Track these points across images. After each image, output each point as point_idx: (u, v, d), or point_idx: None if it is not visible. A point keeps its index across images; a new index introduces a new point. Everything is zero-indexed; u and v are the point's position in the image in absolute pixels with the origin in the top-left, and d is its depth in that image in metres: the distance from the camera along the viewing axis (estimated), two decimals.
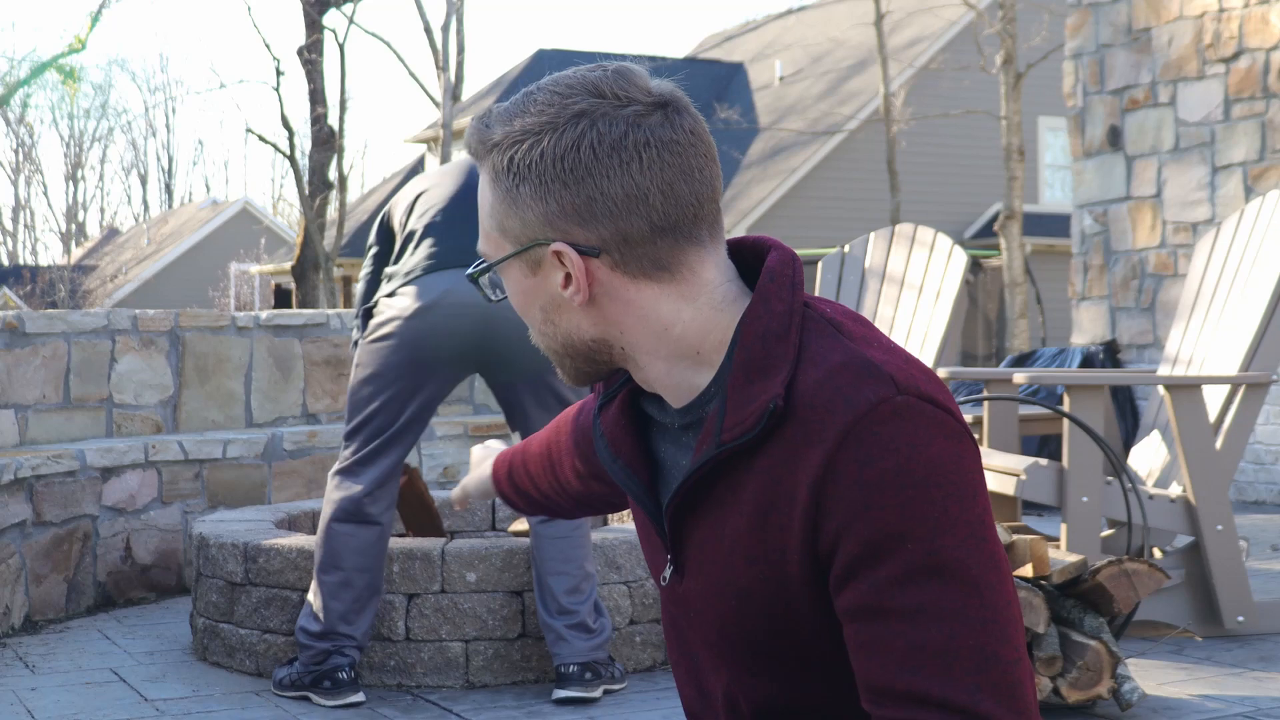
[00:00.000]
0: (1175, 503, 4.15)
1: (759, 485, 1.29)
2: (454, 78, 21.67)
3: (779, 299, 1.31)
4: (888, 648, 1.22)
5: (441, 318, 3.58)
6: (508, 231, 1.35)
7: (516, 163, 1.31)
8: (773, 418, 1.26)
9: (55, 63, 26.53)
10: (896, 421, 1.23)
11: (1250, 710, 3.40)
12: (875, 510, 1.22)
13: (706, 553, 1.35)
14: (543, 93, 1.31)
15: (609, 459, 1.44)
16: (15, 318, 5.35)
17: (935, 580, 1.21)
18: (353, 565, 3.62)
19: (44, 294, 36.17)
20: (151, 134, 64.55)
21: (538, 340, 1.41)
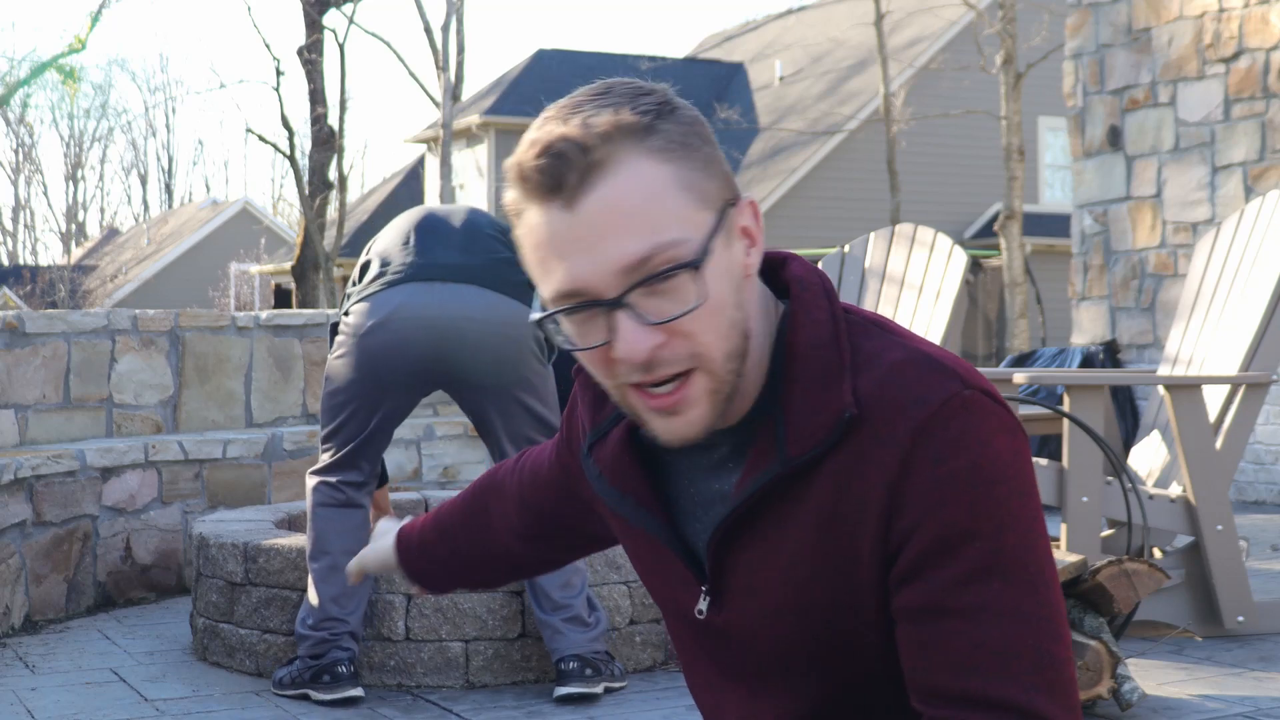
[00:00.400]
0: (1175, 503, 4.15)
1: (823, 495, 1.25)
2: (454, 78, 21.68)
3: (817, 306, 1.29)
4: (946, 647, 1.21)
5: (394, 333, 3.56)
6: (708, 198, 1.23)
7: (686, 125, 1.24)
8: (847, 426, 1.23)
9: (55, 63, 26.53)
10: (965, 416, 1.22)
11: (1250, 710, 3.40)
12: (948, 508, 1.21)
13: (757, 576, 1.30)
14: (618, 87, 1.25)
15: (614, 496, 1.38)
16: (15, 318, 5.35)
17: (997, 579, 1.21)
18: (339, 548, 3.64)
19: (44, 294, 36.18)
20: (151, 134, 64.60)
21: (720, 347, 1.23)
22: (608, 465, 1.39)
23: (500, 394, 3.63)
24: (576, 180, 1.20)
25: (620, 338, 1.21)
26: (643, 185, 1.20)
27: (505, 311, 3.58)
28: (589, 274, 1.20)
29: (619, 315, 1.21)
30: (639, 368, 1.23)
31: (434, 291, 3.57)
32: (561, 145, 1.20)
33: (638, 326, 1.21)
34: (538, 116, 1.27)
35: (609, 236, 1.19)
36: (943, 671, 1.21)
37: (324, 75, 18.13)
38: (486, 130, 26.14)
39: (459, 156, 26.18)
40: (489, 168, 26.25)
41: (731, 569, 1.32)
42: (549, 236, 1.22)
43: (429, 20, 20.47)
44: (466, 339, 3.56)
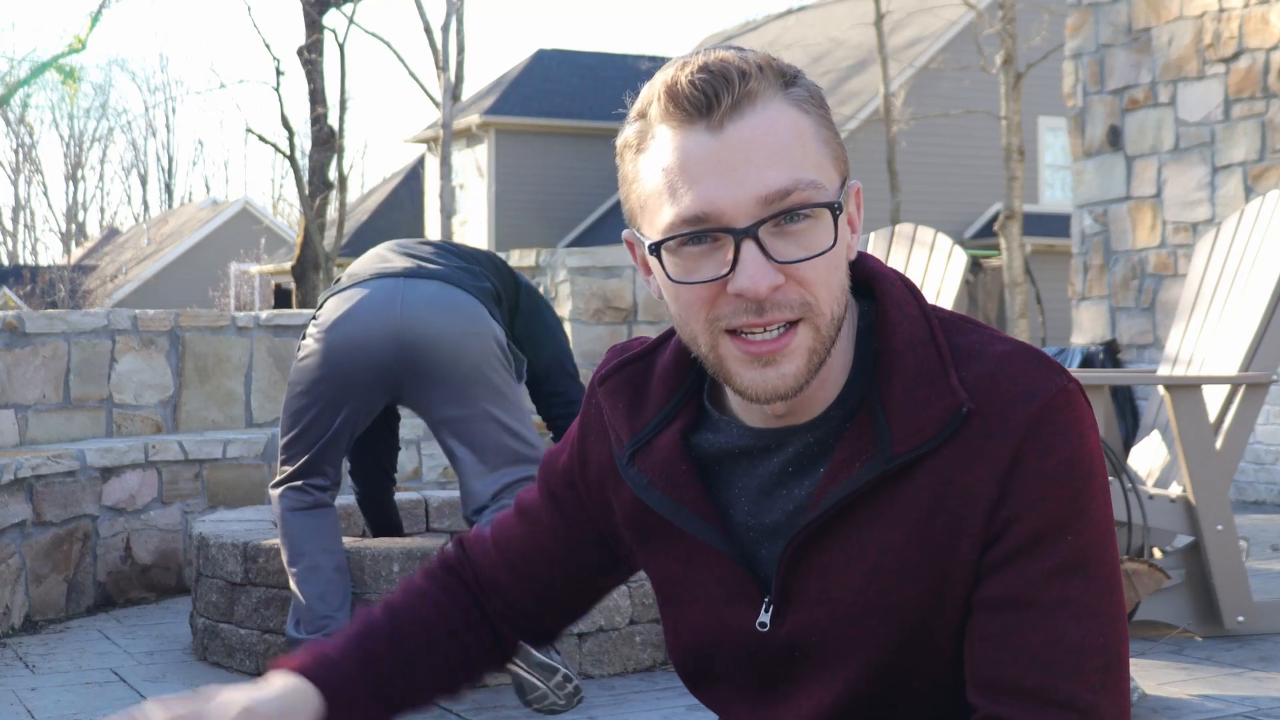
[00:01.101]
0: (1175, 503, 4.15)
1: (922, 492, 1.23)
2: (454, 78, 21.69)
3: (908, 303, 1.28)
4: (1021, 641, 1.21)
5: (358, 324, 3.53)
6: (838, 160, 1.24)
7: (817, 91, 1.24)
8: (963, 421, 1.21)
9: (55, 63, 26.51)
10: (1069, 410, 1.23)
11: (1250, 710, 3.40)
12: (1049, 501, 1.21)
13: (832, 580, 1.26)
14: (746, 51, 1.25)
15: (668, 506, 1.32)
16: (15, 318, 5.35)
17: (1080, 575, 1.21)
18: (315, 548, 3.64)
19: (44, 294, 36.17)
20: (151, 134, 64.58)
21: (830, 305, 1.22)
22: (659, 473, 1.33)
23: (463, 395, 3.53)
24: (731, 103, 1.19)
25: (744, 269, 1.18)
26: (789, 125, 1.20)
27: (471, 309, 3.53)
28: (725, 199, 1.18)
29: (746, 246, 1.18)
30: (753, 307, 1.19)
31: (399, 286, 3.54)
32: (722, 66, 1.20)
33: (763, 261, 1.18)
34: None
35: (753, 164, 1.18)
36: (1014, 665, 1.21)
37: (324, 75, 18.12)
38: (486, 130, 26.15)
39: (459, 156, 26.18)
40: (489, 168, 26.26)
41: (805, 575, 1.28)
42: (684, 158, 1.20)
43: (429, 20, 20.47)
44: (429, 331, 3.50)
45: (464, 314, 3.53)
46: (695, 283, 1.21)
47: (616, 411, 1.38)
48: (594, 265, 6.69)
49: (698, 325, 1.23)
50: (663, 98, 1.22)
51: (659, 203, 1.21)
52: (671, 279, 1.22)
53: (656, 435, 1.34)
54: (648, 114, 1.24)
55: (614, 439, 1.38)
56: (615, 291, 6.68)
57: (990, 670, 1.22)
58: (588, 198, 27.33)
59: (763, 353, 1.21)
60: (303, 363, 3.62)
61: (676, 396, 1.35)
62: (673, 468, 1.32)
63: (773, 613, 1.30)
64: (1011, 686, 1.21)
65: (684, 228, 1.20)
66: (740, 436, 1.31)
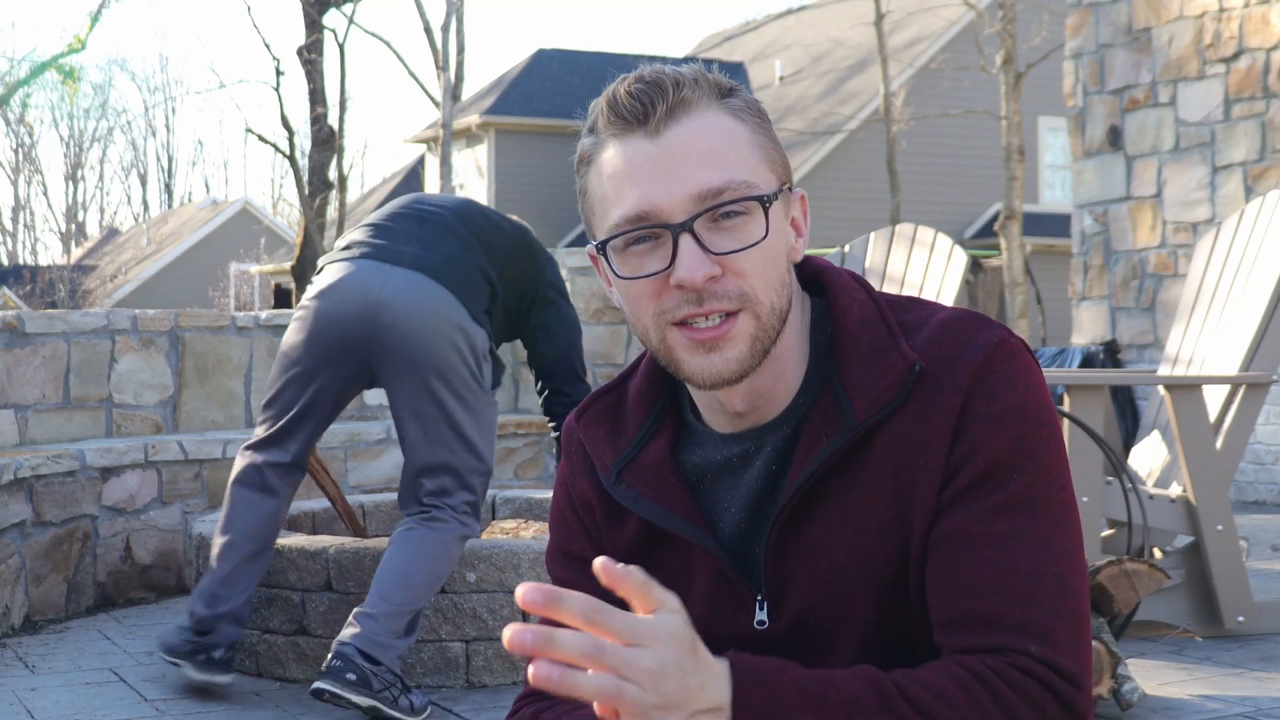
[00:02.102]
0: (1175, 503, 4.15)
1: (887, 453, 1.30)
2: (454, 78, 21.68)
3: (854, 290, 1.37)
4: (974, 572, 1.26)
5: (336, 301, 3.62)
6: (775, 166, 1.33)
7: (756, 104, 1.34)
8: (916, 380, 1.29)
9: (55, 63, 26.52)
10: (1013, 361, 1.31)
11: (1250, 710, 3.40)
12: (996, 442, 1.28)
13: (818, 559, 1.32)
14: (683, 66, 1.33)
15: (662, 515, 1.37)
16: (15, 318, 5.35)
17: (1027, 511, 1.27)
18: (242, 530, 3.68)
19: (44, 294, 36.17)
20: (151, 134, 64.62)
21: (769, 296, 1.30)
22: (648, 485, 1.38)
23: (419, 387, 3.57)
24: (665, 111, 1.28)
25: (681, 261, 1.27)
26: (722, 131, 1.30)
27: (446, 308, 3.58)
28: (662, 198, 1.27)
29: (683, 239, 1.27)
30: (691, 298, 1.28)
31: (382, 272, 3.61)
32: (656, 77, 1.29)
33: (699, 252, 1.27)
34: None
35: (687, 165, 1.28)
36: (968, 595, 1.25)
37: (324, 75, 18.12)
38: (486, 130, 26.14)
39: (459, 156, 26.18)
40: (489, 167, 26.25)
41: (792, 561, 1.33)
42: (626, 164, 1.29)
43: (429, 20, 20.47)
44: (392, 320, 3.56)
45: (436, 312, 3.57)
46: (640, 278, 1.30)
47: (598, 440, 1.44)
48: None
49: (647, 320, 1.32)
50: (605, 110, 1.31)
51: (605, 208, 1.32)
52: (619, 276, 1.31)
53: (641, 451, 1.40)
54: (595, 128, 1.33)
55: (598, 466, 1.43)
56: None
57: (946, 607, 1.27)
58: None
59: (705, 339, 1.29)
60: (291, 329, 3.72)
61: (654, 413, 1.42)
62: (662, 479, 1.39)
63: (768, 608, 1.35)
64: (966, 617, 1.25)
65: (626, 226, 1.29)
66: (718, 447, 1.37)
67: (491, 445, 3.69)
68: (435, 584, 3.57)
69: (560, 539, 1.49)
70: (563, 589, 1.08)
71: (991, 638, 1.24)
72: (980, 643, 1.24)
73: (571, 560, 1.47)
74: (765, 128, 1.33)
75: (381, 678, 3.36)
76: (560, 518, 1.50)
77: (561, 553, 1.49)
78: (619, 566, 1.11)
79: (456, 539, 3.61)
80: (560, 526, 1.49)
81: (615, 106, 1.29)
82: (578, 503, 1.47)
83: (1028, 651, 1.23)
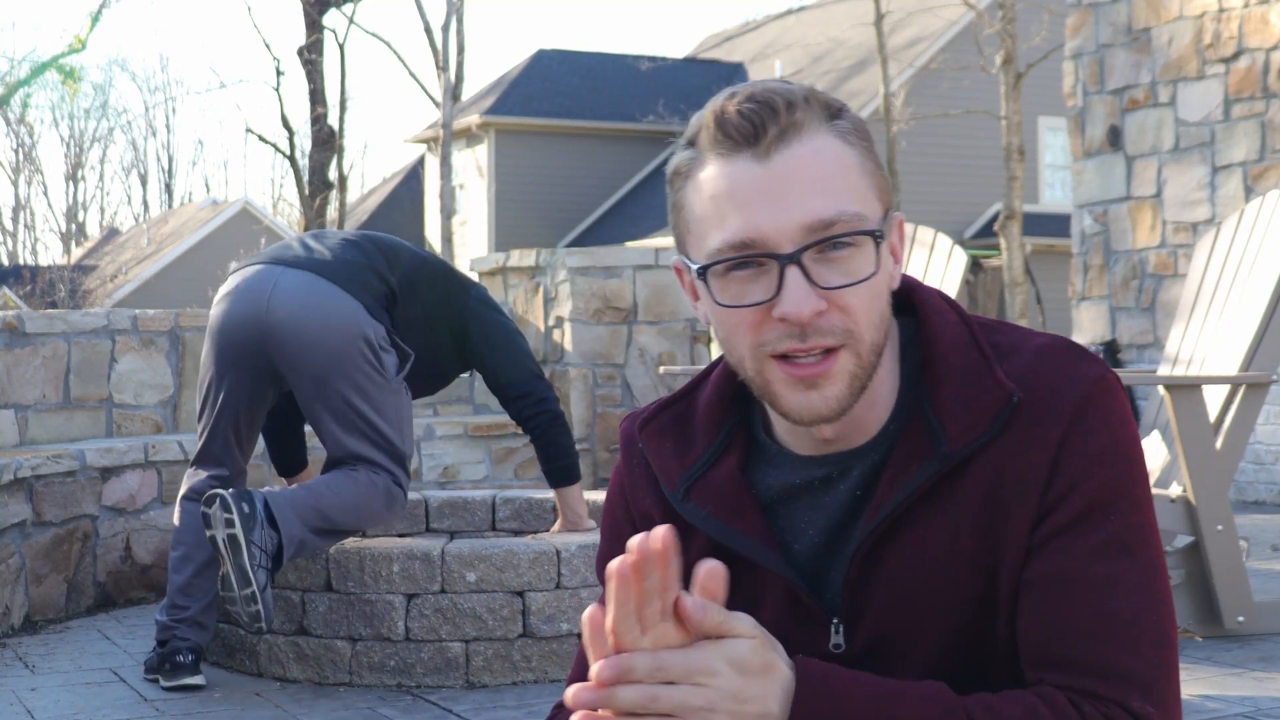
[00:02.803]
0: (1175, 503, 4.15)
1: (979, 483, 1.26)
2: (454, 78, 21.69)
3: (945, 311, 1.33)
4: (1074, 616, 1.23)
5: (230, 305, 3.77)
6: (880, 192, 1.28)
7: (862, 124, 1.29)
8: (1012, 411, 1.25)
9: (55, 63, 26.52)
10: (1109, 398, 1.27)
11: (1250, 710, 3.40)
12: (1092, 481, 1.25)
13: (898, 586, 1.29)
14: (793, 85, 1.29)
15: (733, 537, 1.32)
16: (15, 318, 5.35)
17: (1127, 556, 1.24)
18: (193, 540, 3.81)
19: (44, 294, 36.15)
20: (151, 134, 64.59)
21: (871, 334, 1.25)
22: (719, 504, 1.34)
23: (321, 383, 3.71)
24: (777, 133, 1.22)
25: (787, 295, 1.22)
26: (834, 156, 1.24)
27: (336, 303, 3.70)
28: (770, 226, 1.22)
29: (790, 271, 1.22)
30: (795, 332, 1.23)
31: (274, 273, 3.75)
32: (769, 97, 1.23)
33: (806, 286, 1.22)
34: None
35: (797, 193, 1.22)
36: (1068, 638, 1.23)
37: (324, 75, 18.13)
38: (486, 130, 26.14)
39: (459, 156, 26.18)
40: (489, 168, 26.25)
41: (872, 585, 1.30)
42: (732, 186, 1.23)
43: (429, 20, 20.48)
44: (285, 317, 3.69)
45: (327, 307, 3.70)
46: (741, 306, 1.24)
47: (663, 452, 1.39)
48: (594, 265, 6.69)
49: (744, 349, 1.26)
50: (711, 127, 1.25)
51: (706, 229, 1.25)
52: (718, 303, 1.25)
53: (711, 468, 1.35)
54: (697, 142, 1.27)
55: (664, 480, 1.38)
56: (615, 291, 6.68)
57: (1042, 649, 1.24)
58: (588, 198, 27.33)
59: (806, 376, 1.24)
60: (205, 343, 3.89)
61: (725, 430, 1.37)
62: (734, 499, 1.33)
63: (844, 631, 1.32)
64: (1068, 659, 1.23)
65: (730, 253, 1.23)
66: (798, 469, 1.33)
67: (406, 430, 3.85)
68: (354, 510, 3.74)
69: (613, 548, 1.42)
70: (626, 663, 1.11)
71: (1090, 683, 1.21)
72: (1078, 685, 1.22)
73: None
74: (871, 151, 1.28)
75: (261, 538, 3.55)
76: (615, 526, 1.44)
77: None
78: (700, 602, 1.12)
79: (381, 489, 3.78)
80: (614, 535, 1.44)
81: (723, 124, 1.23)
82: (636, 515, 1.42)
83: (1128, 706, 1.21)
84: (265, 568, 3.55)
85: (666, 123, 25.96)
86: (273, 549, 3.57)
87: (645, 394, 6.67)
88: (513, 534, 4.64)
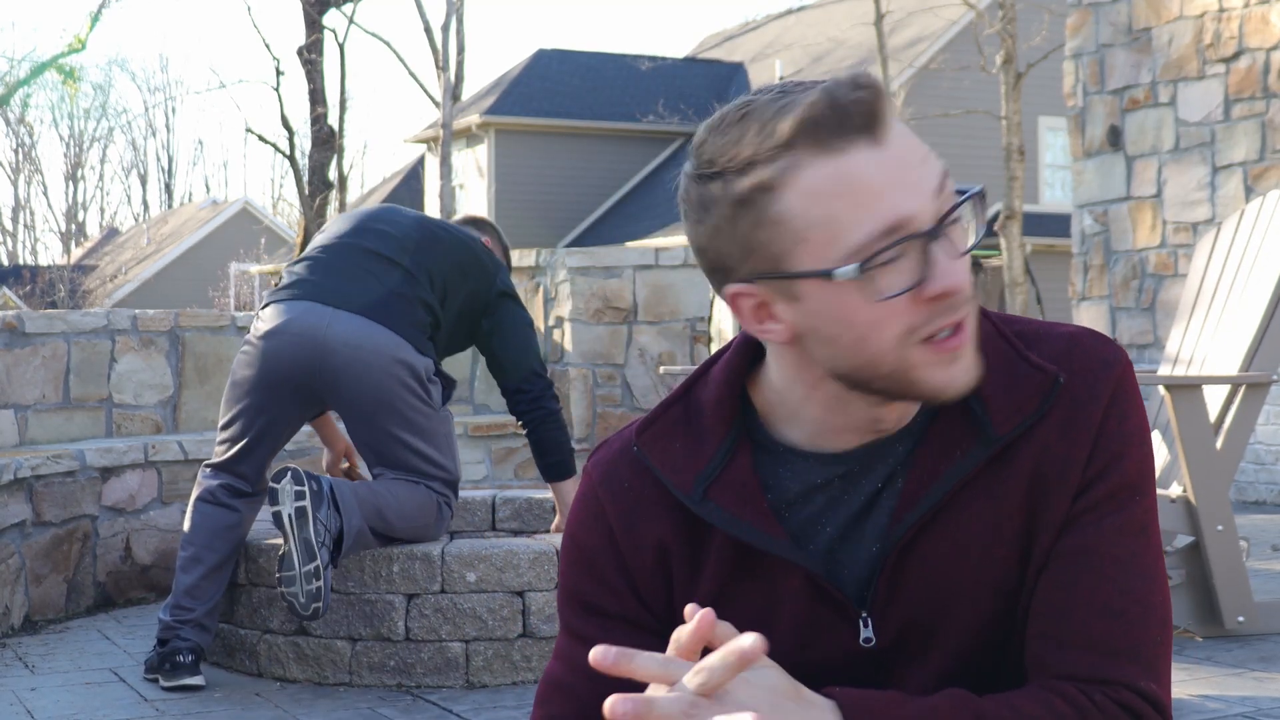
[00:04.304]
0: (1175, 503, 4.15)
1: (1024, 466, 1.28)
2: (454, 78, 21.69)
3: None
4: (1095, 590, 1.26)
5: (283, 343, 3.79)
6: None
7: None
8: (1058, 391, 1.27)
9: (55, 63, 26.52)
10: (1132, 379, 1.31)
11: (1250, 710, 3.40)
12: (1126, 462, 1.28)
13: (931, 574, 1.28)
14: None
15: (755, 534, 1.29)
16: (15, 318, 5.35)
17: (1144, 536, 1.28)
18: (203, 542, 3.85)
19: (44, 294, 36.16)
20: (151, 134, 64.68)
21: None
22: (737, 504, 1.30)
23: (371, 422, 3.80)
24: (889, 113, 1.19)
25: (946, 269, 1.18)
26: (912, 141, 1.22)
27: (381, 344, 3.76)
28: (912, 205, 1.18)
29: (936, 247, 1.19)
30: (951, 305, 1.20)
31: (326, 315, 3.78)
32: (871, 80, 1.19)
33: (955, 256, 1.19)
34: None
35: (919, 164, 1.19)
36: (1086, 611, 1.25)
37: (324, 75, 18.13)
38: (486, 130, 26.14)
39: (459, 156, 26.18)
40: (489, 168, 26.25)
41: (905, 575, 1.29)
42: (855, 179, 1.17)
43: (429, 20, 20.47)
44: (339, 363, 3.75)
45: (380, 351, 3.76)
46: (895, 296, 1.18)
47: (671, 454, 1.33)
48: (594, 265, 6.69)
49: (887, 342, 1.21)
50: (805, 124, 1.18)
51: (835, 230, 1.18)
52: (869, 300, 1.19)
53: (726, 468, 1.31)
54: (787, 146, 1.19)
55: (676, 483, 1.32)
56: (615, 291, 6.68)
57: (1058, 619, 1.26)
58: (588, 198, 27.33)
59: (952, 348, 1.21)
60: (240, 360, 3.90)
61: (734, 428, 1.33)
62: (752, 498, 1.30)
63: (873, 624, 1.30)
64: (1079, 636, 1.25)
65: (884, 241, 1.17)
66: (815, 468, 1.31)
67: (452, 454, 3.93)
68: (409, 518, 3.79)
69: (582, 590, 1.36)
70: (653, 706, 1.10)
71: (1100, 666, 1.24)
72: (1086, 671, 1.24)
73: (594, 615, 1.35)
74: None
75: (328, 517, 3.58)
76: (588, 567, 1.36)
77: (582, 605, 1.36)
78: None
79: (434, 505, 3.85)
80: (585, 577, 1.36)
81: (841, 113, 1.17)
82: (630, 549, 1.34)
83: (1135, 686, 1.24)
84: (328, 547, 3.59)
85: (666, 123, 25.97)
86: (335, 531, 3.61)
87: (645, 394, 6.67)
88: (513, 534, 4.64)
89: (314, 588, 3.55)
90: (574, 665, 1.33)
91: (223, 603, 4.03)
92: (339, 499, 3.62)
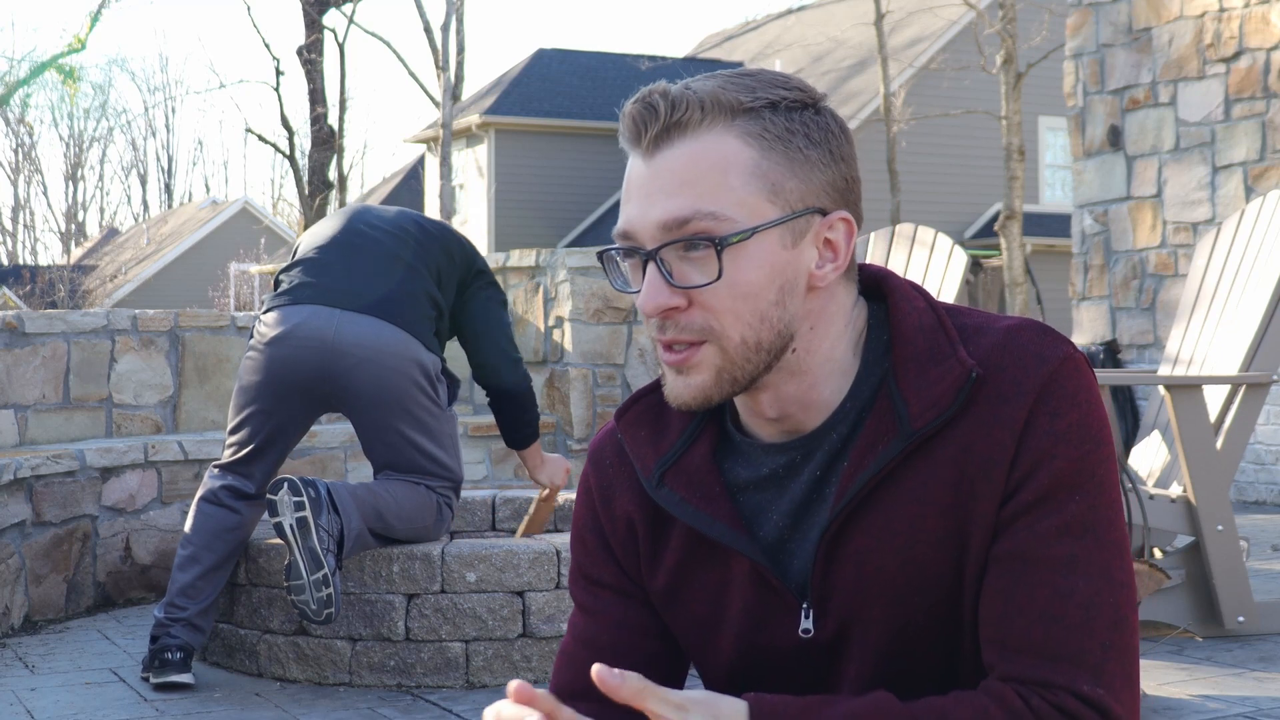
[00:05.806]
0: (1175, 503, 4.15)
1: (946, 462, 1.27)
2: (454, 78, 21.69)
3: (914, 296, 1.34)
4: (1032, 595, 1.24)
5: (291, 349, 3.78)
6: (781, 194, 1.27)
7: (804, 125, 1.28)
8: (972, 387, 1.27)
9: (55, 63, 26.52)
10: (1078, 377, 1.28)
11: (1250, 710, 3.40)
12: (1059, 461, 1.25)
13: (867, 567, 1.29)
14: (761, 74, 1.30)
15: (706, 522, 1.34)
16: (15, 318, 5.35)
17: (1090, 536, 1.25)
18: (202, 542, 3.86)
19: (44, 294, 36.15)
20: (151, 134, 64.63)
21: (740, 331, 1.27)
22: (691, 490, 1.36)
23: (383, 424, 3.81)
24: (657, 133, 1.27)
25: (643, 290, 1.28)
26: (712, 157, 1.26)
27: (393, 343, 3.76)
28: (638, 221, 1.27)
29: (650, 266, 1.27)
30: (656, 323, 1.29)
31: (334, 318, 3.77)
32: (654, 99, 1.27)
33: (661, 283, 1.27)
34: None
35: (662, 191, 1.26)
36: (1022, 617, 1.24)
37: (324, 75, 18.13)
38: (486, 130, 26.14)
39: (459, 156, 26.18)
40: (489, 167, 26.25)
41: (840, 567, 1.30)
42: (627, 180, 1.30)
43: (429, 20, 20.47)
44: (352, 365, 3.75)
45: (392, 351, 3.77)
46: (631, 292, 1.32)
47: (639, 440, 1.41)
48: (594, 265, 6.68)
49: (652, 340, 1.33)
50: (620, 122, 1.31)
51: None
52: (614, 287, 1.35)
53: (684, 455, 1.37)
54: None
55: (640, 468, 1.40)
56: (615, 291, 6.66)
57: (999, 625, 1.25)
58: (588, 198, 27.33)
59: (674, 362, 1.29)
60: (247, 366, 3.88)
61: (697, 418, 1.39)
62: (705, 486, 1.35)
63: (813, 616, 1.33)
64: (1020, 641, 1.24)
65: (616, 241, 1.31)
66: (763, 459, 1.35)
67: (457, 455, 3.95)
68: (408, 519, 3.79)
69: (580, 561, 1.46)
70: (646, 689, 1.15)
71: (1041, 669, 1.22)
72: (1027, 674, 1.22)
73: (591, 585, 1.45)
74: (788, 152, 1.27)
75: (329, 522, 3.57)
76: (579, 539, 1.46)
77: (583, 576, 1.46)
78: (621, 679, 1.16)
79: (434, 505, 3.86)
80: (583, 547, 1.46)
81: (622, 121, 1.30)
82: (607, 521, 1.43)
83: (1078, 691, 1.21)
84: (333, 552, 3.58)
85: None
86: (337, 534, 3.61)
87: None
88: (512, 534, 4.64)
89: (325, 594, 3.55)
90: (576, 635, 1.45)
91: (222, 602, 4.03)
92: (338, 502, 3.62)
